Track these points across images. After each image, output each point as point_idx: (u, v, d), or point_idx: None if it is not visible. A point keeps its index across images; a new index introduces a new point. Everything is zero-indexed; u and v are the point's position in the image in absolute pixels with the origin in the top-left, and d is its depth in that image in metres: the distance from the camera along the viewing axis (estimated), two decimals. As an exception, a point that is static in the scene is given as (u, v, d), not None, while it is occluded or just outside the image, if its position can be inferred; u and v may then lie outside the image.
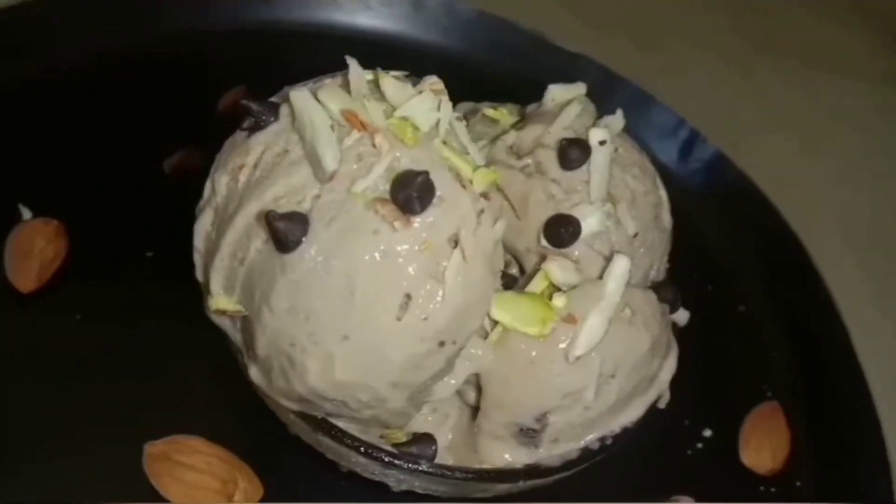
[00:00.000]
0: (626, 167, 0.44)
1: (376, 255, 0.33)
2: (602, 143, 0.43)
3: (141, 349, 0.53)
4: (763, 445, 0.59)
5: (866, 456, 0.59)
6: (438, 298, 0.34)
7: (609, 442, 0.42)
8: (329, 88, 0.36)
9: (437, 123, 0.36)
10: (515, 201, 0.42)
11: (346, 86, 0.37)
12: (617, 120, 0.45)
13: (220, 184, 0.37)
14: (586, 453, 0.41)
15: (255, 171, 0.36)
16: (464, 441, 0.42)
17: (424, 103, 0.35)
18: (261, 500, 0.48)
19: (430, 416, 0.42)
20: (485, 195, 0.36)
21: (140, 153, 0.64)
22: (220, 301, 0.37)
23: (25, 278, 0.54)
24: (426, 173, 0.33)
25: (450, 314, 0.34)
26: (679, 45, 0.94)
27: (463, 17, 0.84)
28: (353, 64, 0.36)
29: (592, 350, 0.39)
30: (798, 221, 0.76)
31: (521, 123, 0.47)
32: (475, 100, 0.52)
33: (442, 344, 0.35)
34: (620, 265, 0.40)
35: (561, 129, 0.44)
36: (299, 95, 0.35)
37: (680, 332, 0.64)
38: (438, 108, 0.36)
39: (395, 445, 0.40)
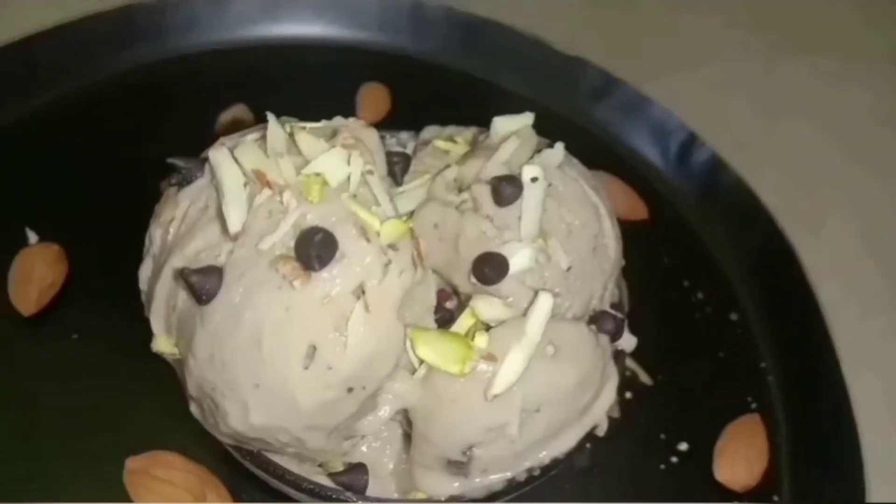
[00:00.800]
0: (563, 201, 0.45)
1: (281, 309, 0.35)
2: (534, 179, 0.44)
3: (132, 368, 0.57)
4: (738, 459, 0.59)
5: (843, 474, 0.58)
6: (342, 349, 0.35)
7: (537, 473, 0.43)
8: (246, 146, 0.38)
9: (349, 178, 0.37)
10: (449, 239, 0.43)
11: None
12: (554, 154, 0.46)
13: (154, 235, 0.40)
14: (514, 484, 0.43)
15: (181, 225, 0.38)
16: (405, 469, 0.44)
17: (334, 159, 0.37)
18: (230, 516, 0.52)
19: (374, 443, 0.44)
20: (392, 246, 0.37)
21: (137, 175, 0.68)
22: (161, 342, 0.40)
23: (26, 302, 0.59)
24: (324, 231, 0.35)
25: (355, 363, 0.36)
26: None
27: (461, 23, 0.85)
28: (271, 120, 0.38)
29: (512, 387, 0.40)
30: (815, 220, 0.74)
31: (464, 157, 0.47)
32: (467, 111, 0.52)
33: (350, 390, 0.37)
34: (542, 303, 0.41)
35: (498, 164, 0.45)
36: (217, 154, 0.37)
37: (665, 341, 0.66)
38: (349, 163, 0.37)
39: (329, 475, 0.42)
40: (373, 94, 0.79)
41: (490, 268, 0.42)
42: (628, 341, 0.48)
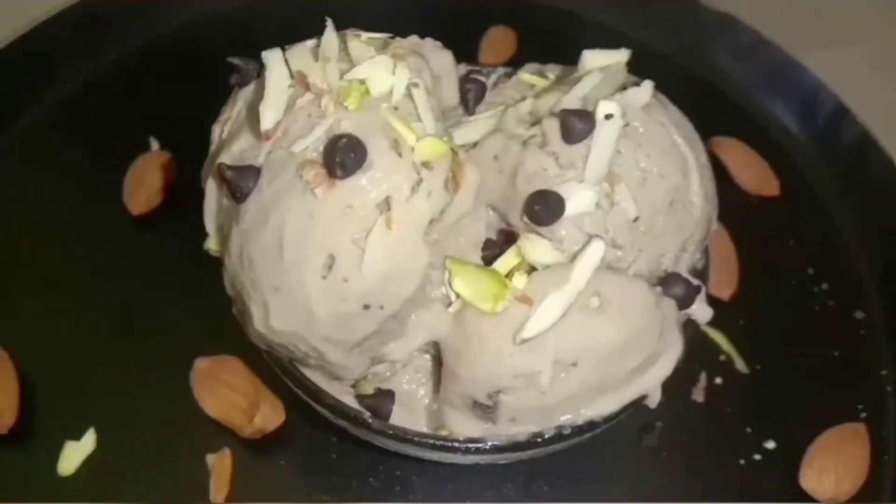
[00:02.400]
0: (642, 145, 0.41)
1: (304, 215, 0.34)
2: (608, 116, 0.40)
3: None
4: (828, 469, 0.52)
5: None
6: (359, 262, 0.34)
7: (567, 432, 0.40)
8: (298, 49, 0.37)
9: (392, 89, 0.35)
10: (508, 173, 0.41)
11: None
12: (640, 93, 0.42)
13: (214, 133, 0.40)
14: (542, 439, 0.40)
15: (233, 124, 0.38)
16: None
17: (379, 67, 0.35)
18: (279, 428, 0.53)
19: (410, 375, 0.43)
20: (427, 165, 0.35)
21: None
22: (212, 241, 0.41)
23: (136, 203, 0.62)
24: (354, 137, 0.33)
25: (371, 278, 0.34)
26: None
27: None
28: (329, 26, 0.37)
29: (546, 334, 0.37)
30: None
31: (543, 90, 0.44)
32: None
33: (367, 307, 0.35)
34: (592, 250, 0.38)
35: (575, 98, 0.41)
36: (268, 54, 0.37)
37: (773, 329, 0.59)
38: (394, 73, 0.35)
39: (357, 396, 0.42)
40: (498, 36, 0.76)
41: (543, 206, 0.39)
42: (703, 312, 0.43)
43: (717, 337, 0.59)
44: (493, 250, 0.41)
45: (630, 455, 0.55)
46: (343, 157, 0.33)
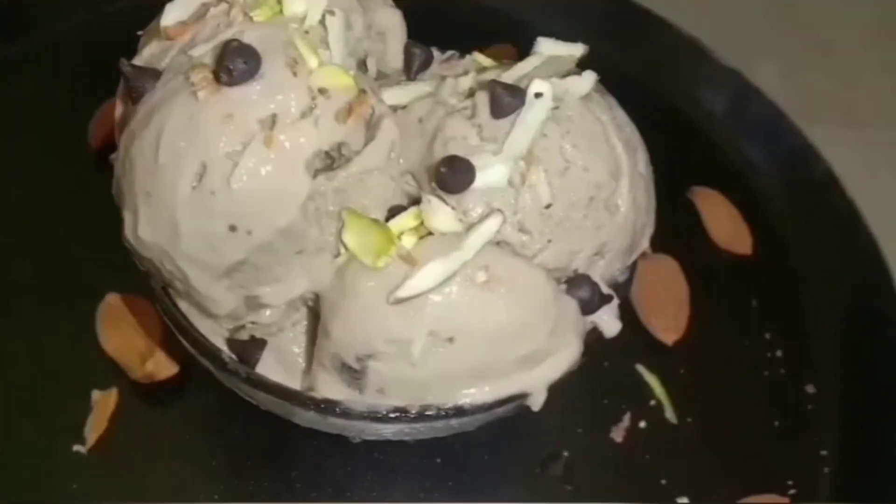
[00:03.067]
0: (570, 133, 0.39)
1: (184, 118, 0.33)
2: (538, 95, 0.38)
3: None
4: None
5: None
6: (227, 176, 0.32)
7: (433, 412, 0.37)
8: (229, -38, 0.36)
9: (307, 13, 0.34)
10: (428, 137, 0.39)
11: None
12: (579, 82, 0.40)
13: (140, 44, 0.39)
14: (405, 415, 0.37)
15: (152, 31, 0.37)
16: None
17: (298, -13, 0.34)
18: (171, 379, 0.51)
19: (295, 332, 0.41)
20: (324, 92, 0.33)
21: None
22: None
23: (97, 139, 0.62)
24: (249, 46, 0.32)
25: (239, 196, 0.33)
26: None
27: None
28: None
29: (423, 299, 0.35)
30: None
31: (489, 68, 0.43)
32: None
33: (233, 228, 0.34)
34: (490, 222, 0.36)
35: (514, 77, 0.40)
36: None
37: (712, 386, 0.56)
38: (313, -2, 0.34)
39: (227, 339, 0.40)
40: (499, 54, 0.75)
41: (451, 171, 0.37)
42: (611, 325, 0.41)
43: (652, 380, 0.56)
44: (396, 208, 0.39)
45: (529, 482, 0.51)
46: (232, 63, 0.32)
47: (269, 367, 0.40)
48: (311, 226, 0.36)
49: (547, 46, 0.42)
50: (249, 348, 0.39)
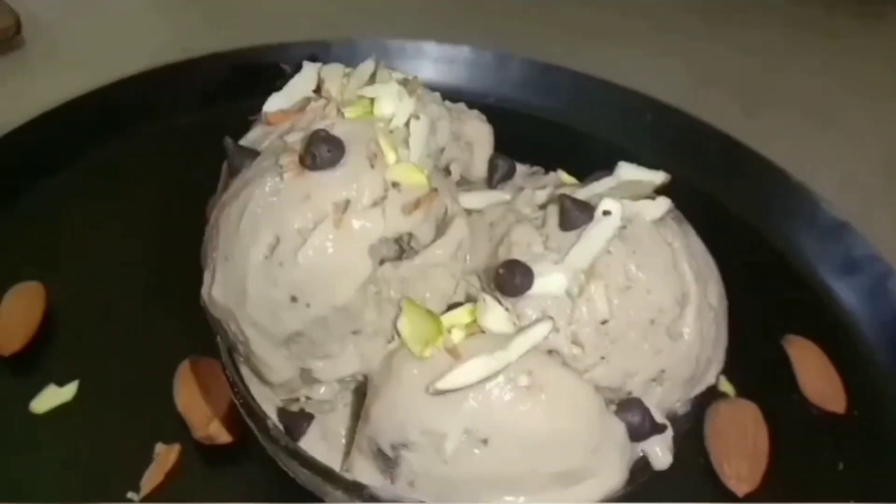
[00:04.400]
0: (636, 253, 0.39)
1: (268, 193, 0.36)
2: (606, 213, 0.39)
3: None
4: None
5: None
6: (296, 250, 0.35)
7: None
8: (336, 66, 0.40)
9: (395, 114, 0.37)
10: (496, 241, 0.40)
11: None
12: (652, 206, 0.40)
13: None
14: (431, 513, 0.37)
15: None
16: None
17: (387, 91, 0.37)
18: (231, 444, 0.52)
19: (343, 410, 0.42)
20: (396, 185, 0.36)
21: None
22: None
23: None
24: (335, 137, 0.35)
25: (303, 270, 0.35)
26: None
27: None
28: (372, 58, 0.40)
29: (461, 394, 0.35)
30: None
31: (568, 185, 0.44)
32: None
33: (294, 299, 0.36)
34: (539, 327, 0.36)
35: (588, 194, 0.41)
36: (309, 63, 0.40)
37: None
38: (400, 101, 0.37)
39: (280, 410, 0.41)
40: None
41: (510, 274, 0.38)
42: (661, 457, 0.39)
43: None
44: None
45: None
46: (317, 149, 0.35)
47: (313, 443, 0.41)
48: (368, 308, 0.37)
49: (627, 171, 0.43)
50: (297, 420, 0.40)
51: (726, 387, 0.61)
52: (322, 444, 0.41)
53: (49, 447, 0.52)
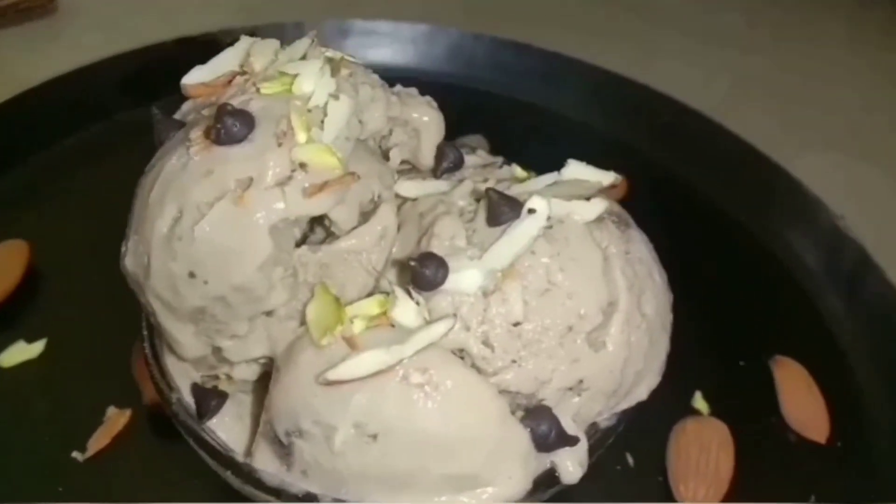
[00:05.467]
0: (560, 255, 0.37)
1: (178, 166, 0.35)
2: (531, 211, 0.37)
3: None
4: None
5: None
6: (192, 225, 0.34)
7: (341, 509, 0.35)
8: (270, 42, 0.39)
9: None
10: (422, 230, 0.39)
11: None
12: (586, 208, 0.38)
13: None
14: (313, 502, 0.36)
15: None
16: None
17: (309, 69, 0.36)
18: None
19: (260, 392, 0.42)
20: (304, 166, 0.35)
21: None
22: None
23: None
24: (246, 112, 0.34)
25: (199, 246, 0.34)
26: None
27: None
28: (310, 36, 0.39)
29: (352, 387, 0.34)
30: None
31: (515, 180, 0.42)
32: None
33: (192, 275, 0.35)
34: (439, 324, 0.35)
35: (523, 192, 0.39)
36: (246, 38, 0.39)
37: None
38: (321, 79, 0.36)
39: (193, 385, 0.41)
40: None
41: (422, 267, 0.36)
42: (571, 472, 0.37)
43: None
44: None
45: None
46: (223, 124, 0.34)
47: (227, 424, 0.40)
48: (276, 291, 0.36)
49: (574, 169, 0.41)
50: (206, 397, 0.40)
51: (700, 404, 0.58)
52: (237, 424, 0.41)
53: (6, 400, 0.54)
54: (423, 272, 0.36)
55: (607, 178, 0.41)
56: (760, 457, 0.55)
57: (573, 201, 0.38)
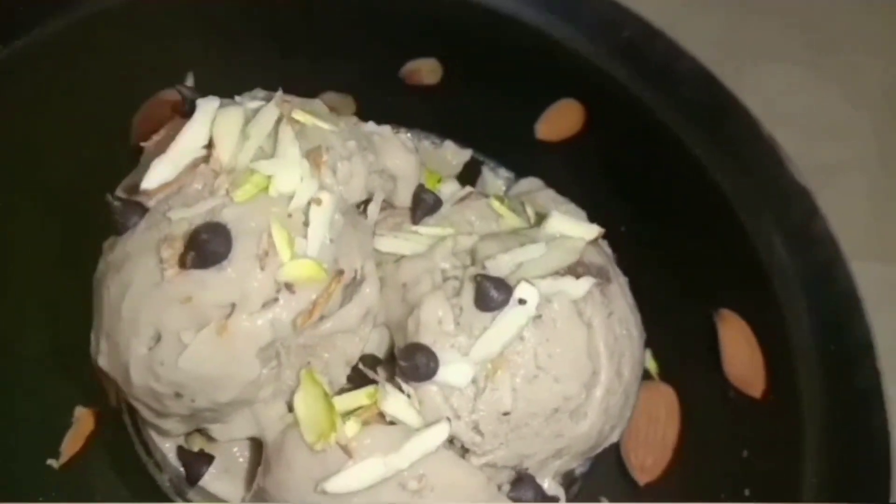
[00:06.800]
0: (549, 341, 0.37)
1: (150, 283, 0.33)
2: (522, 301, 0.36)
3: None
4: None
5: None
6: (177, 355, 0.33)
7: None
8: (233, 110, 0.35)
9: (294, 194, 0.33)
10: (409, 305, 0.38)
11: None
12: (575, 286, 0.38)
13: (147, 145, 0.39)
14: None
15: (150, 148, 0.37)
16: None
17: (287, 168, 0.33)
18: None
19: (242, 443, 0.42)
20: (290, 287, 0.33)
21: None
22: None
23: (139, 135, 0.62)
24: (222, 232, 0.32)
25: (185, 375, 0.33)
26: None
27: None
28: (276, 96, 0.35)
29: (348, 498, 0.35)
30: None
31: (491, 235, 0.41)
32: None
33: (179, 395, 0.34)
34: (432, 433, 0.35)
35: (509, 263, 0.38)
36: (204, 103, 0.35)
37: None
38: (301, 181, 0.33)
39: (179, 448, 0.41)
40: (565, 110, 0.72)
41: (412, 362, 0.36)
42: (548, 528, 0.40)
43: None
44: (362, 379, 0.39)
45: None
46: (200, 250, 0.31)
47: (213, 478, 0.41)
48: (263, 388, 0.36)
49: (558, 224, 0.40)
50: (197, 462, 0.40)
51: (651, 364, 0.61)
52: (224, 476, 0.42)
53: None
54: (413, 366, 0.36)
55: (590, 232, 0.40)
56: (703, 414, 0.59)
57: (563, 279, 0.38)
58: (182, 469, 0.40)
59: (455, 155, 0.50)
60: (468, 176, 0.56)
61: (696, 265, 0.66)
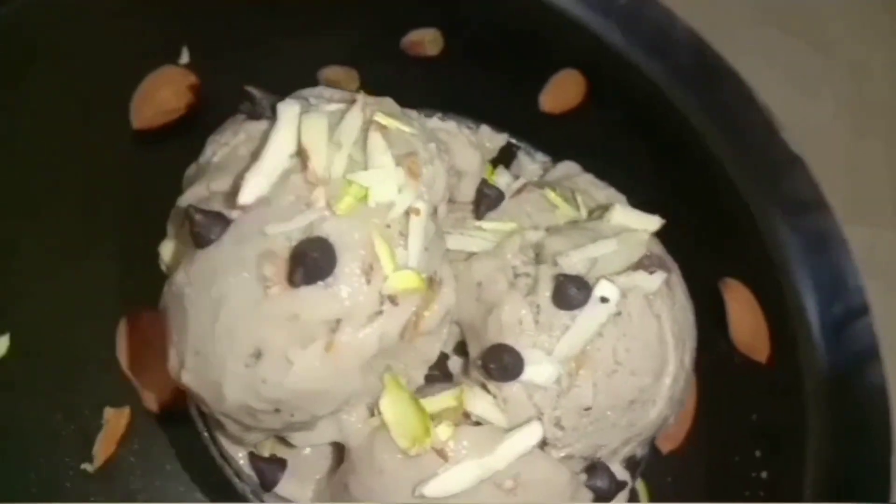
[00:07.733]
0: (626, 336, 0.38)
1: (250, 299, 0.32)
2: (604, 300, 0.37)
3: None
4: None
5: None
6: (283, 373, 0.32)
7: None
8: (318, 116, 0.33)
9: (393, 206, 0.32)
10: (485, 306, 0.38)
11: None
12: (649, 281, 0.39)
13: (207, 147, 0.37)
14: None
15: (226, 156, 0.35)
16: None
17: (385, 179, 0.32)
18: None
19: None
20: (393, 299, 0.32)
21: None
22: (166, 246, 0.39)
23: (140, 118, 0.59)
24: (328, 248, 0.31)
25: (289, 391, 0.32)
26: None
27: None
28: (359, 100, 0.34)
29: (445, 501, 0.35)
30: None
31: (559, 227, 0.41)
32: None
33: (278, 411, 0.34)
34: (528, 434, 0.36)
35: (583, 259, 0.39)
36: (285, 108, 0.34)
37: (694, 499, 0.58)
38: (400, 191, 0.32)
39: (251, 454, 0.40)
40: (567, 81, 0.72)
41: (498, 363, 0.36)
42: (616, 507, 0.42)
43: (640, 487, 0.58)
44: (441, 372, 0.39)
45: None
46: (308, 267, 0.31)
47: (285, 483, 0.41)
48: (360, 397, 0.36)
49: (622, 216, 0.41)
50: (270, 468, 0.40)
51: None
52: (292, 480, 0.41)
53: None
54: (501, 367, 0.36)
55: (653, 223, 0.41)
56: (714, 382, 0.62)
57: (635, 274, 0.39)
58: (255, 475, 0.40)
59: (491, 139, 0.50)
60: (503, 159, 0.56)
61: (699, 235, 0.68)
